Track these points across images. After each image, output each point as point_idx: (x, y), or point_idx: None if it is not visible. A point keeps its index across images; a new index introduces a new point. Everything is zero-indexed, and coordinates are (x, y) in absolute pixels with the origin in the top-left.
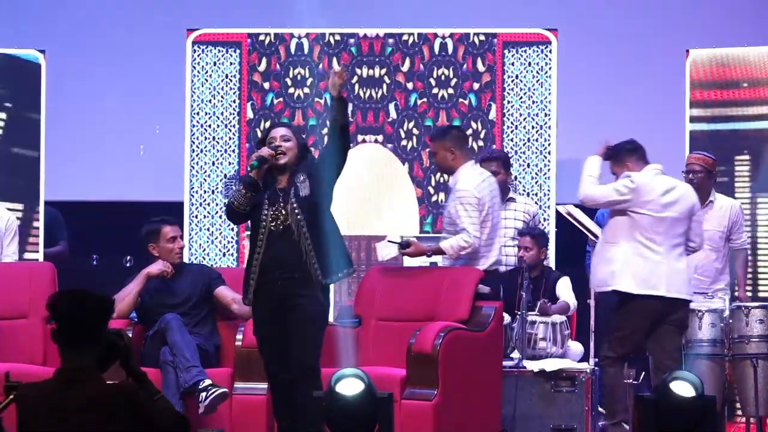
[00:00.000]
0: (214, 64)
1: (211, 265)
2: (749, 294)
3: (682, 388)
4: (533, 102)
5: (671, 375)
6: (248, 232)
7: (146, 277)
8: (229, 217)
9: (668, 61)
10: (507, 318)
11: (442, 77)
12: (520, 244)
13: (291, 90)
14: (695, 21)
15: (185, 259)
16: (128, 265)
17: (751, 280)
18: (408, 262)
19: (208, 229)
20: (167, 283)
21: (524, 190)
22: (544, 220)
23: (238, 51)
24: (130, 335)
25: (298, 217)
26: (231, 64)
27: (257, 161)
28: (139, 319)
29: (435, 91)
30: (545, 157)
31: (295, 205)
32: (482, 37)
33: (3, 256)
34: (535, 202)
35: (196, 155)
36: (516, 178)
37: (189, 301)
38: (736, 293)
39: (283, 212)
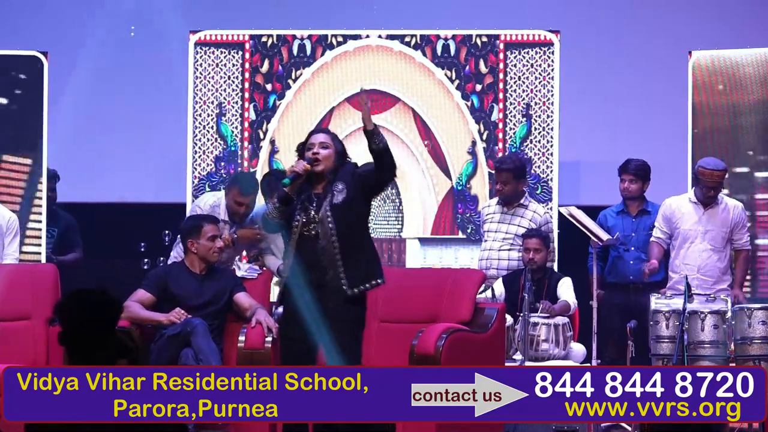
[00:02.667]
0: (217, 65)
1: None
2: (747, 295)
3: None
4: (535, 104)
5: None
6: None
7: (164, 323)
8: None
9: (671, 62)
10: (509, 319)
11: (445, 79)
12: (529, 246)
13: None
14: (698, 22)
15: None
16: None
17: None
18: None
19: None
20: (199, 281)
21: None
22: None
23: (240, 53)
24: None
25: (330, 225)
26: (233, 65)
27: (290, 179)
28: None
29: None
30: (548, 159)
31: (328, 212)
32: (485, 39)
33: (4, 255)
34: (546, 211)
35: (199, 157)
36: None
37: (214, 304)
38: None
39: (316, 218)
